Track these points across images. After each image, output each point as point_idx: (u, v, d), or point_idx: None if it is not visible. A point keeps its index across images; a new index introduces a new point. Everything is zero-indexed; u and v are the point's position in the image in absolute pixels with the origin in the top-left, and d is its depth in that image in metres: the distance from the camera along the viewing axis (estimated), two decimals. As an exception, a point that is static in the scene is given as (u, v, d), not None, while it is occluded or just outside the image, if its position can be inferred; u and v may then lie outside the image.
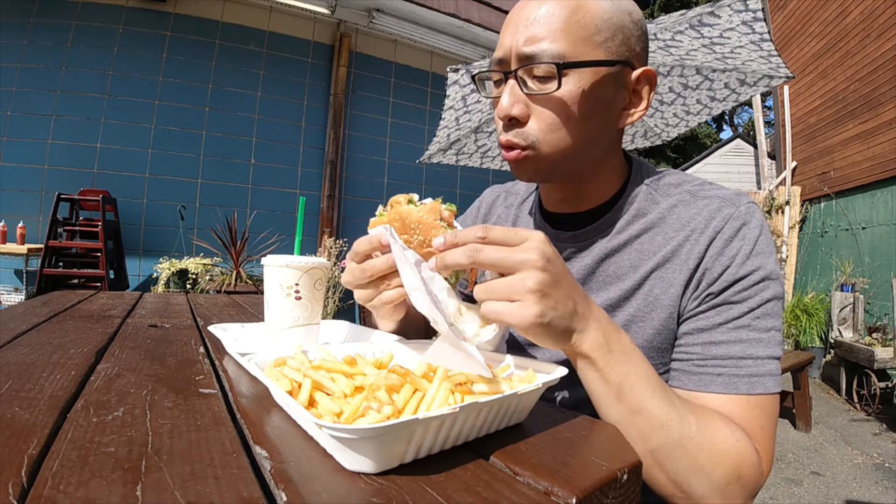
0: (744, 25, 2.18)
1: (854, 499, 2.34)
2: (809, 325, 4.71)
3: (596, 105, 0.57)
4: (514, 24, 0.58)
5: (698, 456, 0.48)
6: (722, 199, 0.60)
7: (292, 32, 4.54)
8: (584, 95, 0.56)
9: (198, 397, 0.47)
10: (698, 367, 0.56)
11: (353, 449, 0.32)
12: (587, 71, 0.56)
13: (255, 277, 3.67)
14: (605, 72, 0.56)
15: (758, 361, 0.54)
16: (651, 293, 0.60)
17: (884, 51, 4.34)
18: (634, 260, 0.62)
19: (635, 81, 0.60)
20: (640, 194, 0.65)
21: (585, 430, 0.44)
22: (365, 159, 4.87)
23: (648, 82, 0.60)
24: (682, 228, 0.60)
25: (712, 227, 0.58)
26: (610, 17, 0.56)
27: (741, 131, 15.03)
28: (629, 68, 0.59)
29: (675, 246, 0.60)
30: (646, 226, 0.63)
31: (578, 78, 0.55)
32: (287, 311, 0.63)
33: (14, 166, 3.72)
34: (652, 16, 14.52)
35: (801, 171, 5.82)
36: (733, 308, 0.55)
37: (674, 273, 0.59)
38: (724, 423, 0.51)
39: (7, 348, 0.64)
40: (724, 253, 0.56)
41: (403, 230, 0.54)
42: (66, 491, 0.28)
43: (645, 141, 3.49)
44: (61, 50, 3.83)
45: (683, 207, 0.61)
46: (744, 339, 0.54)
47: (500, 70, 0.59)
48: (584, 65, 0.55)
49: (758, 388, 0.53)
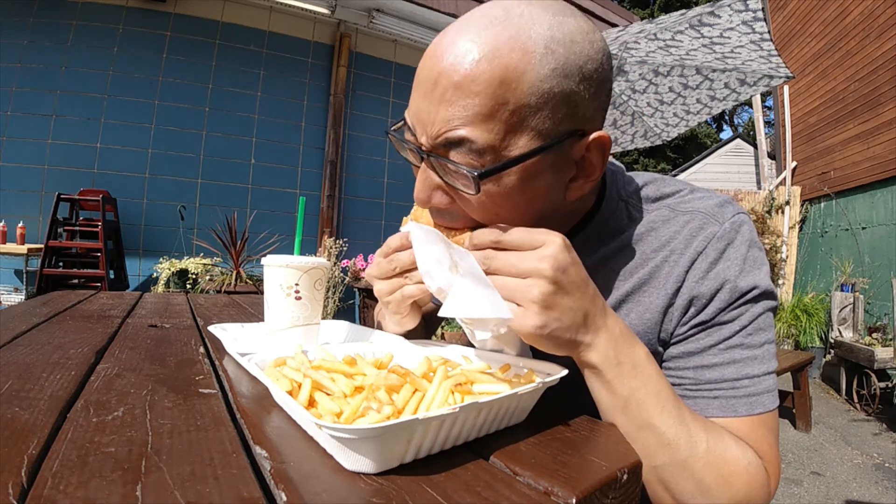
0: (744, 25, 2.19)
1: (854, 499, 2.34)
2: (809, 325, 4.71)
3: (531, 195, 0.49)
4: (428, 84, 0.45)
5: (705, 477, 0.46)
6: (704, 215, 0.55)
7: (292, 32, 4.54)
8: (512, 193, 0.47)
9: (198, 397, 0.47)
10: (692, 392, 0.53)
11: (353, 449, 0.32)
12: (516, 168, 0.46)
13: (255, 277, 3.67)
14: (539, 159, 0.46)
15: (754, 380, 0.51)
16: (627, 318, 0.57)
17: (884, 51, 4.34)
18: (608, 281, 0.59)
19: (584, 149, 0.49)
20: (615, 211, 0.60)
21: (585, 430, 0.44)
22: (365, 159, 4.87)
23: (601, 148, 0.49)
24: (661, 249, 0.56)
25: (693, 248, 0.54)
26: (550, 87, 0.43)
27: (741, 131, 15.04)
28: (575, 138, 0.48)
29: (653, 268, 0.56)
30: (620, 245, 0.59)
31: (504, 178, 0.46)
32: (287, 311, 0.63)
33: (14, 166, 3.72)
34: (652, 16, 14.51)
35: (801, 171, 5.82)
36: (724, 328, 0.52)
37: (650, 297, 0.56)
38: (736, 443, 0.49)
39: (7, 348, 0.64)
40: (710, 276, 0.53)
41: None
42: (66, 491, 0.28)
43: (645, 141, 3.49)
44: (61, 50, 3.83)
45: (662, 225, 0.57)
46: (737, 360, 0.52)
47: (411, 143, 0.50)
48: (511, 164, 0.45)
49: (757, 408, 0.51)
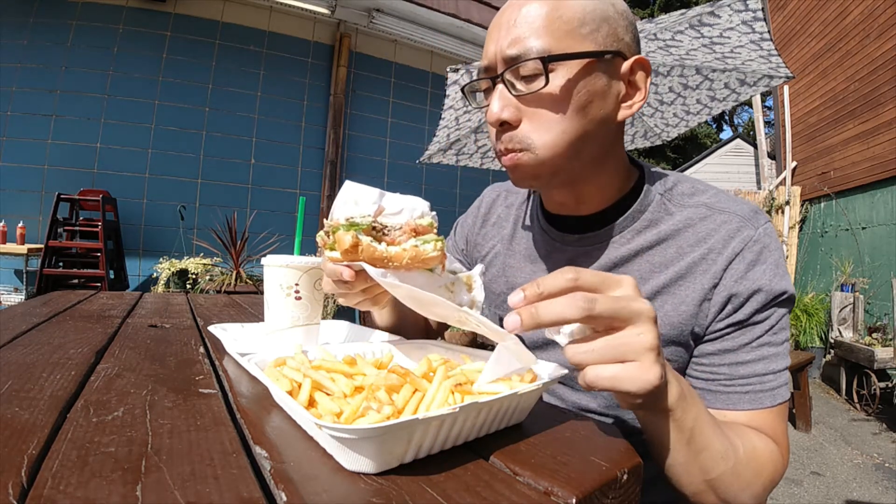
0: (744, 25, 2.19)
1: (854, 499, 2.33)
2: (809, 325, 4.70)
3: (589, 97, 0.55)
4: (496, 31, 0.57)
5: (745, 474, 0.51)
6: (741, 218, 0.59)
7: (292, 32, 4.54)
8: (575, 88, 0.54)
9: (198, 397, 0.46)
10: (726, 387, 0.57)
11: (353, 449, 0.32)
12: (576, 63, 0.54)
13: (255, 277, 3.67)
14: (594, 63, 0.55)
15: (777, 375, 0.57)
16: (661, 309, 0.59)
17: (884, 51, 4.34)
18: (645, 272, 0.61)
19: (629, 71, 0.57)
20: (652, 202, 0.63)
21: (585, 430, 0.44)
22: (365, 159, 4.87)
23: (643, 69, 0.58)
24: (699, 244, 0.59)
25: (731, 248, 0.57)
26: (593, 8, 0.55)
27: (741, 131, 15.03)
28: (620, 59, 0.57)
29: (691, 263, 0.59)
30: (658, 237, 0.61)
31: (567, 72, 0.54)
32: (287, 311, 0.63)
33: (14, 166, 3.72)
34: (652, 15, 14.51)
35: (801, 171, 5.82)
36: (756, 328, 0.57)
37: (687, 291, 0.58)
38: (759, 437, 0.55)
39: (7, 348, 0.64)
40: (748, 277, 0.56)
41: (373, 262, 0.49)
42: (66, 491, 0.28)
43: (645, 141, 3.49)
44: (61, 50, 3.83)
45: (700, 221, 0.60)
46: (766, 356, 0.57)
47: (487, 77, 0.58)
48: (571, 57, 0.53)
49: (778, 399, 0.56)
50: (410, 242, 0.49)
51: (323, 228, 0.53)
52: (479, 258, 0.82)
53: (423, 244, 0.49)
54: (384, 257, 0.48)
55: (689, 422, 0.46)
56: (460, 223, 0.89)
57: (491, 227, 0.81)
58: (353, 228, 0.48)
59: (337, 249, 0.48)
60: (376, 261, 0.48)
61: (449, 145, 3.57)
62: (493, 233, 0.80)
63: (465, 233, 0.86)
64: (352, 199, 0.50)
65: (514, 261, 0.74)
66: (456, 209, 5.31)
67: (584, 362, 0.39)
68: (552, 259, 0.69)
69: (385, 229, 0.50)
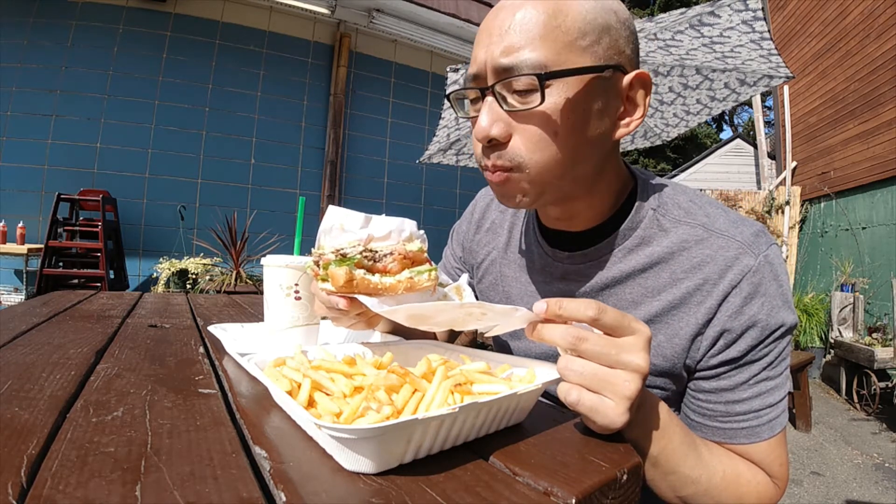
0: (744, 25, 2.19)
1: (854, 499, 2.34)
2: (809, 325, 4.70)
3: (586, 116, 0.52)
4: (486, 35, 0.52)
5: (723, 498, 0.52)
6: (740, 244, 0.55)
7: (292, 32, 4.54)
8: (571, 107, 0.50)
9: (197, 397, 0.46)
10: (722, 423, 0.57)
11: (352, 449, 0.32)
12: (573, 80, 0.50)
13: (255, 277, 3.67)
14: (593, 79, 0.51)
15: (774, 407, 0.56)
16: (654, 338, 0.57)
17: (884, 51, 4.34)
18: (637, 296, 0.59)
19: (628, 87, 0.53)
20: (644, 219, 0.60)
21: (585, 430, 0.44)
22: (365, 159, 4.87)
23: (643, 86, 0.54)
24: (693, 271, 0.56)
25: (728, 280, 0.54)
26: (594, 17, 0.50)
27: (741, 131, 15.02)
28: (620, 73, 0.53)
29: (685, 293, 0.56)
30: (650, 260, 0.58)
31: (564, 88, 0.50)
32: (287, 312, 0.63)
33: (14, 166, 3.73)
34: (652, 15, 14.47)
35: (801, 171, 5.82)
36: (753, 366, 0.55)
37: (680, 322, 0.56)
38: (748, 467, 0.55)
39: (7, 348, 0.64)
40: (744, 311, 0.54)
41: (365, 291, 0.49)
42: (66, 491, 0.28)
43: (645, 141, 3.49)
44: (61, 50, 3.83)
45: (695, 245, 0.57)
46: (763, 392, 0.56)
47: (476, 87, 0.53)
48: (568, 73, 0.49)
49: (776, 430, 0.56)
50: (405, 274, 0.49)
51: (312, 257, 0.52)
52: (475, 264, 0.81)
53: (417, 275, 0.49)
54: (379, 289, 0.48)
55: (653, 451, 0.48)
56: (455, 230, 0.89)
57: (485, 234, 0.80)
58: (344, 263, 0.48)
59: (331, 285, 0.48)
60: (371, 292, 0.48)
61: (449, 145, 3.57)
62: (487, 239, 0.79)
63: (460, 239, 0.86)
64: (338, 225, 0.50)
65: (509, 270, 0.73)
66: (456, 209, 5.31)
67: (570, 380, 0.42)
68: (547, 272, 0.67)
69: (375, 255, 0.49)
